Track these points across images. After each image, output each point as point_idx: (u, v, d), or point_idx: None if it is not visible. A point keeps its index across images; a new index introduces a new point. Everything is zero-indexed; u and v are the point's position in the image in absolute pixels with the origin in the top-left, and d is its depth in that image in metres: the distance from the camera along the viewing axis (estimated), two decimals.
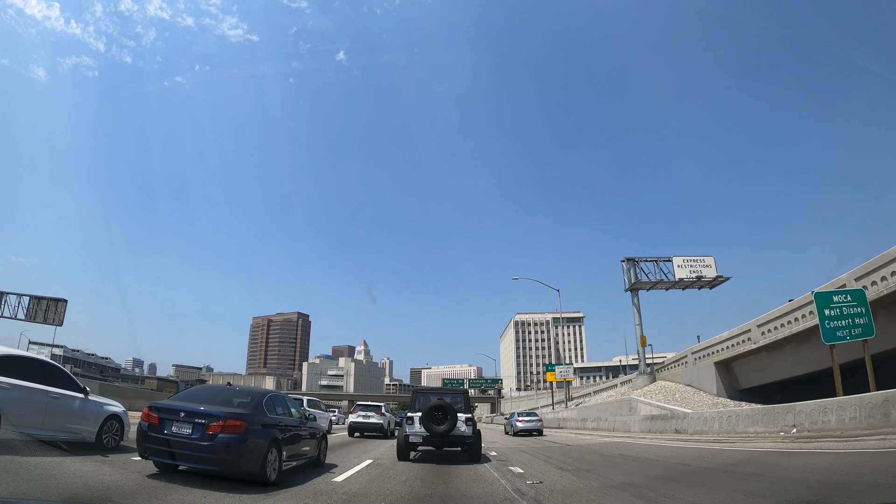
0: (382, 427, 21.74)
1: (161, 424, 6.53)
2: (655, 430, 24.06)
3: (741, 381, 30.13)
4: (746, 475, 8.86)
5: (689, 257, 38.05)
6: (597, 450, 17.07)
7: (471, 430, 11.52)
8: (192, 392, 8.23)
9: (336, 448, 14.25)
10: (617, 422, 28.15)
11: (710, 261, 37.87)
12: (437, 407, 11.30)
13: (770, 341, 26.53)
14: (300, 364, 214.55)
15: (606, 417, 30.04)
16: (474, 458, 11.56)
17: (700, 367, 31.51)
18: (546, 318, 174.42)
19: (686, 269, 37.37)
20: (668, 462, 12.35)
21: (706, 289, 39.00)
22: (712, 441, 18.31)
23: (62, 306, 48.74)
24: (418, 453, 12.81)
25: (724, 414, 20.85)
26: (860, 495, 6.29)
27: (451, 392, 13.25)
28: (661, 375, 37.54)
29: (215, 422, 6.41)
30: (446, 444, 11.75)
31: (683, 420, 22.71)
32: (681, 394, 30.38)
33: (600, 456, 14.60)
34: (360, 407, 22.96)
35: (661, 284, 38.13)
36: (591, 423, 31.64)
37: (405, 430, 11.58)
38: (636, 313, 38.07)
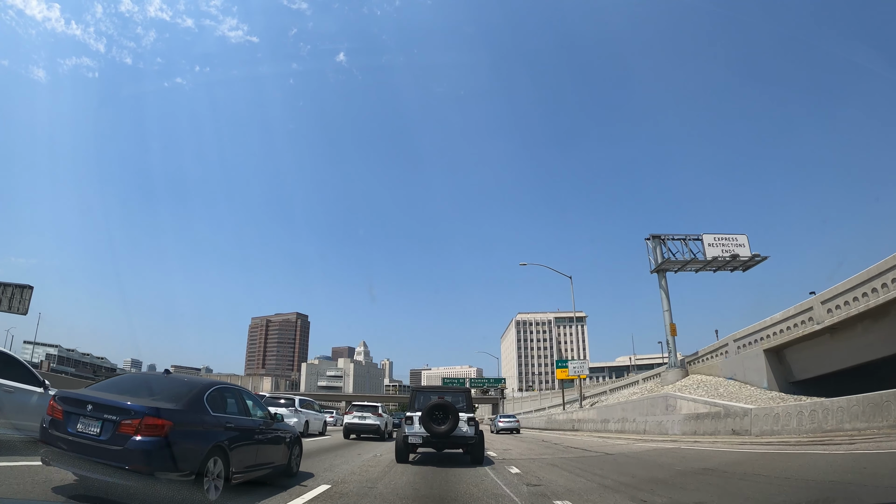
0: (379, 428, 20.54)
1: (65, 420, 4.97)
2: (704, 431, 19.28)
3: (795, 372, 25.28)
4: None
5: (721, 235, 33.25)
6: (653, 460, 12.57)
7: (473, 431, 10.89)
8: (117, 380, 6.46)
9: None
10: (649, 423, 23.27)
11: (744, 239, 33.12)
12: (438, 406, 10.75)
13: (838, 320, 21.75)
14: (299, 365, 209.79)
15: (634, 418, 25.13)
16: (476, 460, 10.94)
17: (745, 357, 26.57)
18: (548, 318, 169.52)
19: (718, 248, 32.58)
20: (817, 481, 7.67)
21: (738, 271, 34.18)
22: (799, 443, 13.72)
23: (28, 293, 43.63)
24: (418, 455, 12.18)
25: (804, 408, 16.02)
26: None
27: (453, 391, 12.70)
28: (694, 368, 32.46)
29: (129, 419, 4.83)
30: (447, 446, 11.11)
31: (743, 418, 17.94)
32: (724, 388, 25.50)
33: (674, 472, 9.97)
34: (356, 407, 21.55)
35: (692, 264, 33.25)
36: (615, 424, 26.72)
37: (404, 431, 10.93)
38: (664, 297, 33.18)
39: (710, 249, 32.56)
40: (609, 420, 27.70)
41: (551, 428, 37.94)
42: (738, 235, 33.39)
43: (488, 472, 9.76)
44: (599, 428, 28.50)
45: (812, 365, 24.37)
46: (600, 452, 14.99)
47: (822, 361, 23.79)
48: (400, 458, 10.85)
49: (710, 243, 32.67)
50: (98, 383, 6.94)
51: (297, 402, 20.10)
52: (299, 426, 18.69)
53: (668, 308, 32.97)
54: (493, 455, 13.70)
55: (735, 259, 32.65)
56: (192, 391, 5.84)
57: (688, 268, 33.71)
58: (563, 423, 36.23)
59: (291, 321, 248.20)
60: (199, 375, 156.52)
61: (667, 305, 32.89)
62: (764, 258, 32.88)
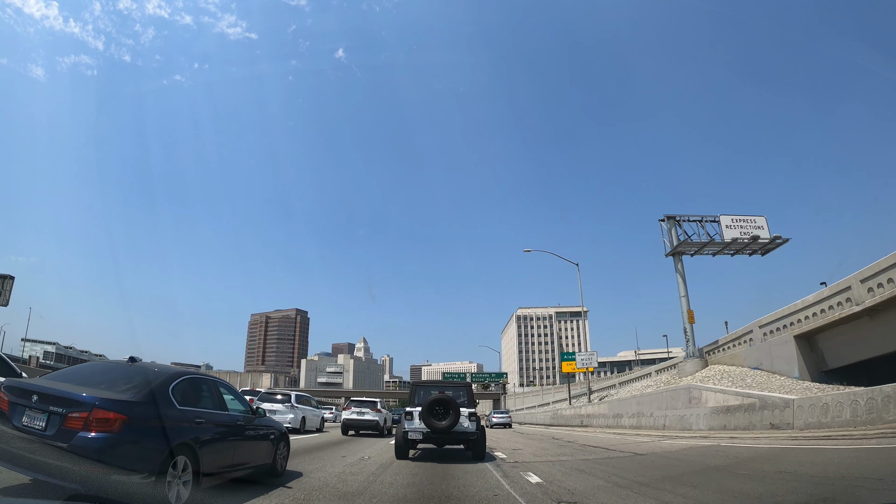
0: (378, 424, 20.02)
1: (10, 412, 4.42)
2: (736, 425, 17.13)
3: (829, 360, 23.12)
4: None
5: (739, 216, 31.01)
6: (703, 462, 10.32)
7: (474, 427, 10.68)
8: (78, 368, 5.79)
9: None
10: (669, 417, 21.11)
11: (762, 221, 30.88)
12: (439, 401, 10.51)
13: (880, 300, 19.60)
14: (299, 361, 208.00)
15: (651, 412, 22.95)
16: (478, 456, 10.64)
17: (772, 344, 24.34)
18: (549, 313, 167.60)
19: (736, 230, 30.36)
20: None
21: (757, 255, 31.97)
22: (865, 436, 11.61)
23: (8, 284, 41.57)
24: (418, 451, 11.93)
25: (858, 396, 13.84)
26: None
27: (454, 385, 12.61)
28: (714, 358, 30.04)
29: (77, 411, 4.24)
30: (448, 442, 10.85)
31: (784, 410, 15.81)
32: (752, 378, 23.29)
33: (757, 480, 7.67)
34: (355, 403, 20.97)
35: (710, 247, 30.99)
36: (630, 419, 24.54)
37: (404, 427, 10.66)
38: (680, 282, 30.80)
39: (728, 231, 30.34)
40: (622, 415, 25.54)
41: (558, 424, 35.84)
42: (757, 217, 31.20)
43: (499, 480, 7.89)
44: (611, 424, 26.32)
45: (847, 352, 22.22)
46: (628, 452, 12.81)
47: (858, 347, 21.65)
48: (399, 454, 10.52)
49: (727, 225, 30.45)
50: (56, 372, 6.24)
51: (293, 398, 19.62)
52: (296, 422, 18.36)
53: (685, 294, 30.60)
54: (503, 457, 11.60)
55: (755, 241, 30.40)
56: (154, 381, 5.16)
57: (705, 251, 31.45)
58: (571, 419, 34.09)
59: (291, 317, 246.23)
60: (199, 372, 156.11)
61: (683, 291, 30.55)
62: (785, 240, 30.66)
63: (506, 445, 15.50)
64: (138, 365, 5.65)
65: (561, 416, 36.87)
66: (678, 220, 31.45)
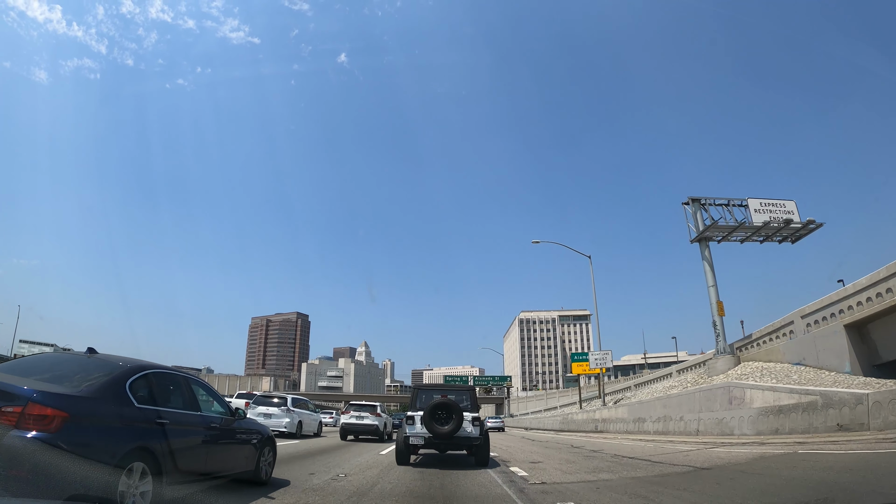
0: (378, 429, 19.23)
1: None
2: (792, 428, 14.19)
3: (882, 352, 20.27)
4: None
5: (767, 200, 28.21)
6: (806, 478, 7.73)
7: (478, 432, 10.13)
8: (26, 360, 5.20)
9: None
10: (704, 421, 18.15)
11: (792, 206, 28.09)
12: (441, 405, 10.03)
13: None
14: (299, 365, 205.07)
15: (681, 415, 20.01)
16: (482, 462, 10.12)
17: (818, 336, 21.40)
18: (552, 316, 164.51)
19: (765, 214, 27.56)
20: None
21: (787, 242, 29.16)
22: None
23: None
24: (419, 457, 11.44)
25: None
26: None
27: (456, 389, 12.17)
28: (747, 355, 26.99)
29: (10, 406, 3.67)
30: (451, 447, 10.37)
31: (855, 408, 12.96)
32: (799, 375, 20.35)
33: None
34: (354, 407, 20.13)
35: (739, 232, 28.11)
36: (654, 423, 21.57)
37: (405, 431, 10.17)
38: (708, 271, 27.84)
39: (758, 215, 27.54)
40: (645, 419, 22.58)
41: (569, 429, 32.87)
42: (786, 201, 28.39)
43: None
44: (632, 429, 23.36)
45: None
46: (684, 465, 9.93)
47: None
48: (400, 460, 10.19)
49: (756, 209, 27.65)
50: (5, 363, 5.48)
51: (289, 402, 19.02)
52: (291, 426, 17.88)
53: (713, 283, 27.53)
54: (522, 474, 9.06)
55: (788, 225, 27.54)
56: (108, 375, 4.51)
57: (734, 236, 28.58)
58: (583, 424, 31.08)
59: (292, 321, 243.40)
60: (199, 376, 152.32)
61: (712, 280, 27.60)
62: (819, 225, 27.82)
63: (521, 457, 12.76)
64: (98, 357, 5.00)
65: (572, 421, 33.89)
66: (703, 204, 28.63)
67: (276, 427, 17.45)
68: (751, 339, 28.05)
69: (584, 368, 40.49)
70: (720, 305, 27.24)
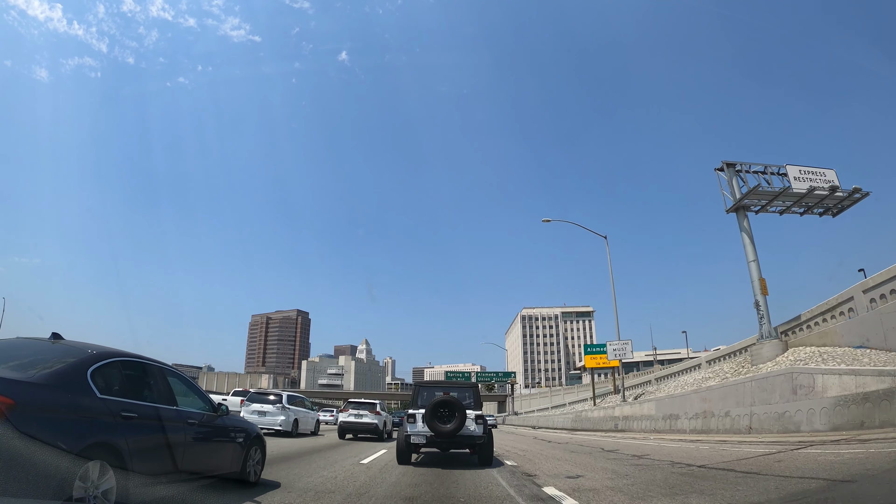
0: (377, 427, 18.76)
1: None
2: (884, 420, 11.13)
3: None
4: None
5: (807, 168, 25.26)
6: None
7: (481, 430, 9.86)
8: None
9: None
10: (759, 416, 15.02)
11: (832, 175, 25.22)
12: (443, 403, 9.75)
13: None
14: (299, 362, 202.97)
15: (726, 410, 17.12)
16: (485, 461, 9.88)
17: (884, 314, 18.31)
18: (554, 313, 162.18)
19: (806, 183, 24.77)
20: None
21: (828, 215, 26.32)
22: None
23: None
24: (420, 455, 11.14)
25: None
26: None
27: (459, 386, 11.88)
28: (796, 339, 23.41)
29: None
30: (453, 446, 10.11)
31: None
32: (868, 358, 17.43)
33: None
34: (352, 405, 19.58)
35: (780, 200, 24.95)
36: (691, 420, 18.76)
37: (406, 430, 9.92)
38: (748, 244, 24.80)
39: (798, 184, 24.70)
40: (678, 416, 19.89)
41: (584, 428, 30.31)
42: (826, 170, 25.54)
43: None
44: (662, 427, 20.65)
45: None
46: (808, 478, 7.16)
47: None
48: (401, 460, 9.87)
49: (795, 177, 24.73)
50: None
51: (284, 399, 18.46)
52: (287, 424, 17.45)
53: (754, 258, 24.40)
54: (562, 498, 6.33)
55: (833, 194, 24.56)
56: (67, 361, 4.05)
57: (774, 205, 25.51)
58: (600, 422, 28.49)
59: (292, 318, 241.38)
60: (200, 374, 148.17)
61: (752, 254, 24.46)
62: (865, 194, 24.82)
63: (548, 466, 10.00)
64: (63, 343, 4.54)
65: (586, 419, 31.29)
66: (739, 170, 25.44)
67: (270, 425, 17.12)
68: (799, 322, 24.47)
69: (598, 361, 37.84)
70: (763, 283, 23.80)
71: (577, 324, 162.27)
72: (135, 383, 4.72)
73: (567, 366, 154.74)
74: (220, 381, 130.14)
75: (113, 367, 4.44)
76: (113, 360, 4.48)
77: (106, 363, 4.35)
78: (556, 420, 39.06)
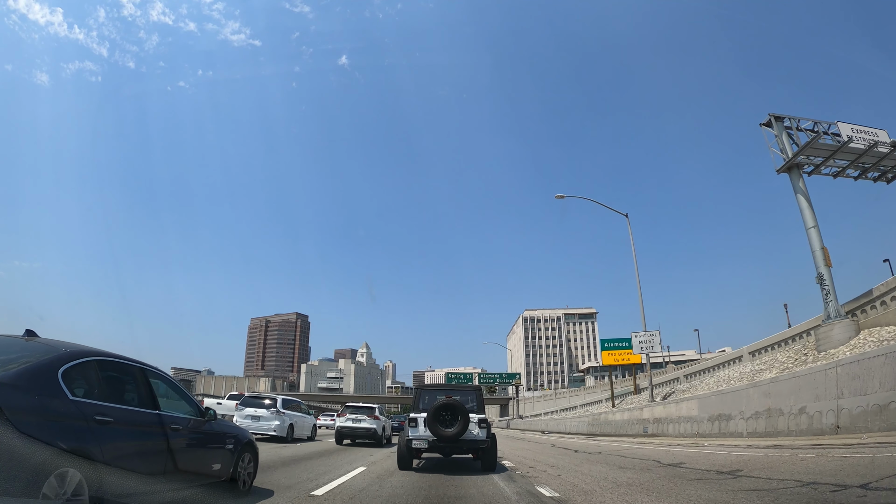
0: (376, 433, 17.79)
1: None
2: None
3: None
4: None
5: (859, 126, 22.34)
6: None
7: (485, 434, 9.65)
8: None
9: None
10: (851, 411, 11.73)
11: (884, 135, 22.52)
12: (446, 406, 9.51)
13: None
14: (299, 366, 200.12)
15: (801, 406, 12.36)
16: (488, 466, 9.68)
17: None
18: (557, 314, 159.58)
19: (860, 143, 22.03)
20: None
21: (882, 181, 23.52)
22: None
23: None
24: (422, 461, 11.03)
25: None
26: None
27: (462, 389, 11.67)
28: (868, 319, 19.84)
29: None
30: (456, 451, 9.95)
31: None
32: None
33: None
34: (350, 409, 18.64)
35: (839, 157, 21.92)
36: (748, 421, 15.11)
37: (407, 434, 9.72)
38: (805, 208, 21.47)
39: (854, 143, 21.88)
40: (731, 416, 16.59)
41: (604, 433, 27.49)
42: (878, 130, 22.82)
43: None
44: (709, 430, 17.44)
45: None
46: None
47: None
48: (403, 465, 9.70)
49: (848, 135, 21.90)
50: None
51: (279, 403, 18.01)
52: (282, 430, 17.10)
53: (813, 224, 21.03)
54: None
55: (893, 152, 21.73)
56: (36, 360, 3.75)
57: (827, 166, 22.55)
58: (624, 426, 25.46)
59: (291, 321, 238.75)
60: (199, 378, 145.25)
61: (811, 219, 21.10)
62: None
63: (605, 497, 7.06)
64: (36, 340, 4.24)
65: (606, 423, 28.27)
66: (787, 126, 22.26)
67: (264, 430, 16.65)
68: (871, 298, 20.18)
69: (618, 357, 34.29)
70: (826, 253, 20.28)
71: (579, 325, 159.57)
72: (112, 385, 4.43)
73: (570, 368, 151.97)
74: (217, 385, 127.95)
75: (88, 366, 4.16)
76: (88, 359, 4.19)
77: (80, 363, 4.06)
78: (570, 424, 36.04)
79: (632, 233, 28.34)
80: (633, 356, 30.58)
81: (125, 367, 4.63)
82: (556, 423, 41.76)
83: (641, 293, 26.92)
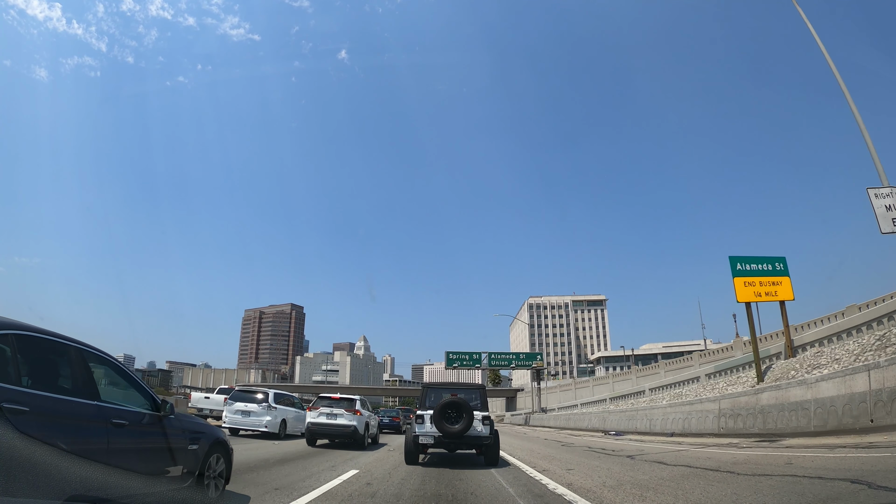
0: (355, 431, 14.25)
1: None
2: None
3: None
4: None
5: None
6: None
7: (488, 431, 10.18)
8: None
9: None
10: None
11: None
12: (451, 404, 9.99)
13: None
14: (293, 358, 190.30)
15: None
16: (491, 462, 10.18)
17: None
18: (564, 301, 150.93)
19: None
20: None
21: None
22: None
23: None
24: (427, 456, 11.26)
25: None
26: None
27: (466, 388, 11.89)
28: None
29: None
30: (460, 446, 10.38)
31: None
32: None
33: None
34: (324, 401, 14.98)
35: None
36: None
37: (414, 430, 10.22)
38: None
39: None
40: None
41: (664, 433, 17.45)
42: None
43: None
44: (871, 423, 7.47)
45: None
46: None
47: None
48: (409, 460, 10.18)
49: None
50: None
51: (271, 397, 16.91)
52: (273, 426, 16.20)
53: None
54: None
55: None
56: None
57: None
58: (739, 431, 14.68)
59: (286, 313, 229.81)
60: (194, 371, 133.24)
61: None
62: None
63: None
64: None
65: (739, 415, 17.87)
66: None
67: (254, 427, 15.89)
68: None
69: (762, 290, 17.62)
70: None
71: (588, 313, 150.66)
72: (36, 367, 3.53)
73: (578, 358, 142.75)
74: (206, 378, 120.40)
75: (3, 342, 3.23)
76: (4, 332, 3.27)
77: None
78: (612, 421, 25.29)
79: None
80: (783, 286, 16.98)
81: (56, 345, 3.71)
82: (579, 420, 31.32)
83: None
